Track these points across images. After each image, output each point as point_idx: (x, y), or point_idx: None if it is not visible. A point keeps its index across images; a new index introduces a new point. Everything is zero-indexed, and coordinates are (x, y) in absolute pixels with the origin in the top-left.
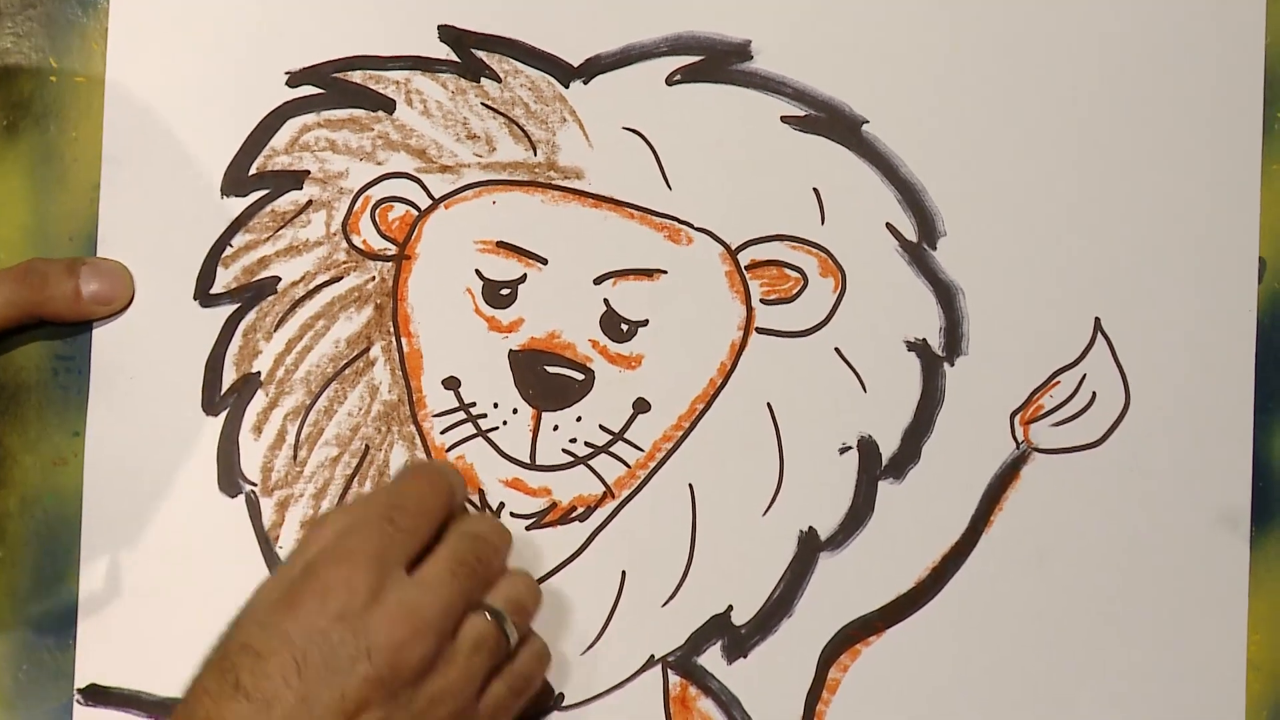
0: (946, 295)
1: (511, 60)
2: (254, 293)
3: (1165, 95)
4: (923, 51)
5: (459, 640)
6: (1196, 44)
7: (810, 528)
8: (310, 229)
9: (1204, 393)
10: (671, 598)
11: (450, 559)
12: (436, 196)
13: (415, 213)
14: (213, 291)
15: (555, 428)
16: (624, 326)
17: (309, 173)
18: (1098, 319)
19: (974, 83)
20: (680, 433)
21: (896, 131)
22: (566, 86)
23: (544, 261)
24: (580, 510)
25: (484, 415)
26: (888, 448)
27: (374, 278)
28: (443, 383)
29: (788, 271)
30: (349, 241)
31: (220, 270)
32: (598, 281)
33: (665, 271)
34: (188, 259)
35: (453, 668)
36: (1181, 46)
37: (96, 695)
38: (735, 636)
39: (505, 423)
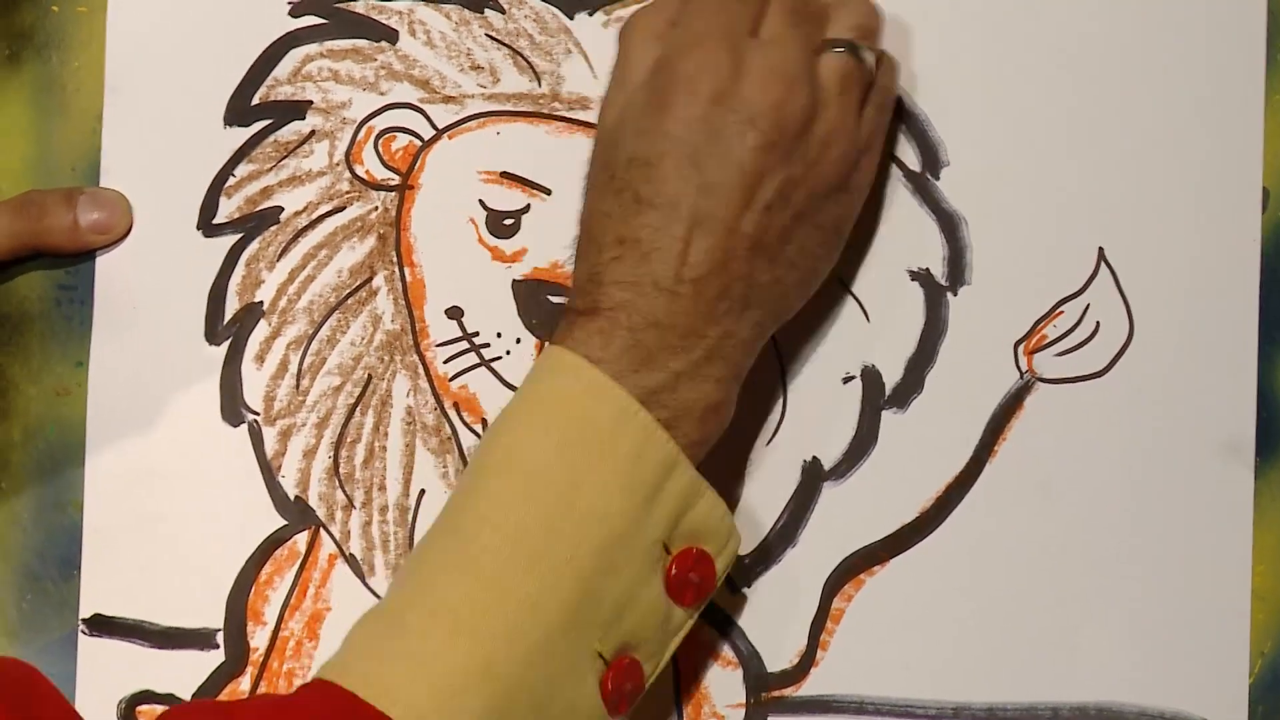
0: (950, 225)
1: None
2: (257, 222)
3: (1169, 26)
4: None
5: (824, 81)
6: None
7: (814, 458)
8: (313, 159)
9: (1208, 323)
10: None
11: (785, 11)
12: (440, 127)
13: (418, 143)
14: (215, 221)
15: None
16: None
17: (312, 103)
18: (1101, 249)
19: (977, 14)
20: None
21: (900, 62)
22: (571, 18)
23: (548, 192)
24: None
25: (487, 345)
26: (891, 377)
27: (377, 208)
28: (445, 312)
29: None
30: (352, 172)
31: (223, 200)
32: None
33: None
34: (190, 189)
35: (829, 109)
36: None
37: (101, 625)
38: (739, 566)
39: (508, 352)
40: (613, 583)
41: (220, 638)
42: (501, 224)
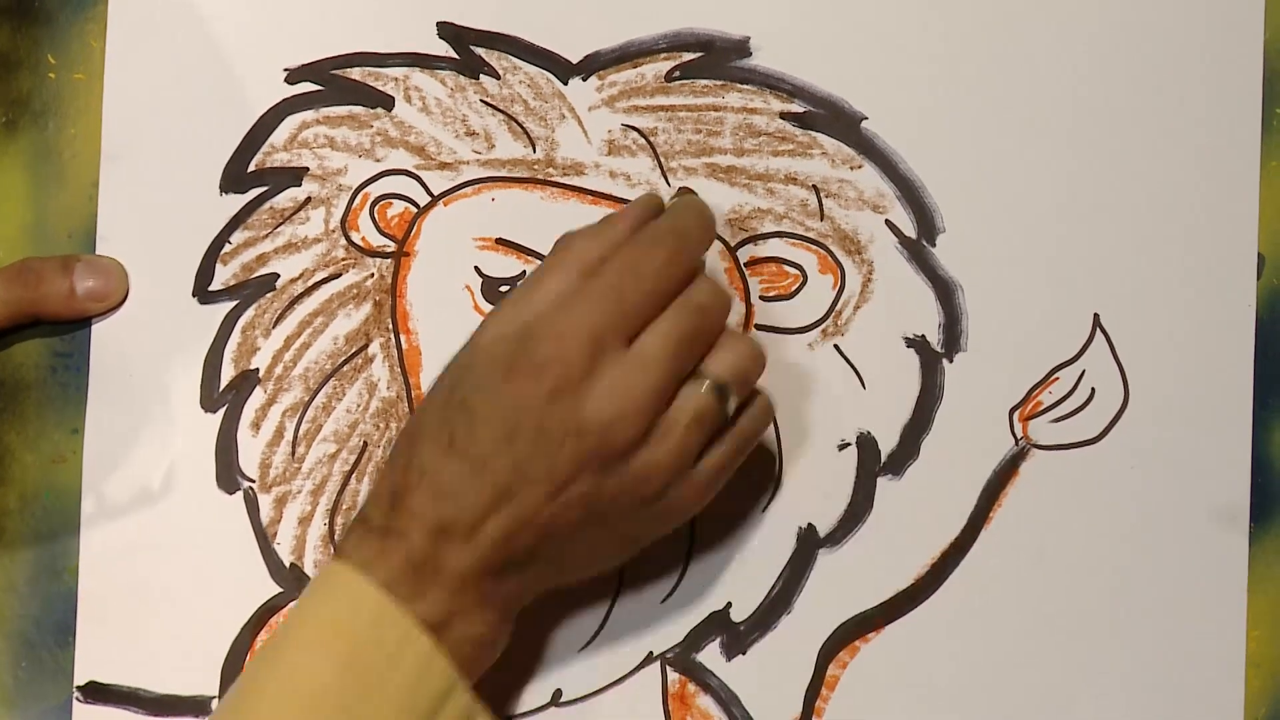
0: (945, 291)
1: (510, 57)
2: (252, 289)
3: (1164, 91)
4: (922, 48)
5: (675, 413)
6: (1195, 40)
7: (809, 524)
8: (309, 226)
9: (1203, 389)
10: (670, 594)
11: (670, 335)
12: (435, 193)
13: (414, 210)
14: (211, 288)
15: None
16: None
17: (308, 169)
18: (1096, 315)
19: (973, 79)
20: None
21: (895, 128)
22: (565, 83)
23: (542, 258)
24: None
25: None
26: (887, 444)
27: (373, 275)
28: None
29: (786, 268)
30: (348, 238)
31: (219, 267)
32: None
33: None
34: (186, 256)
35: (666, 442)
36: (1180, 42)
37: (96, 693)
38: (734, 633)
39: None
40: None
41: (215, 705)
42: (497, 290)
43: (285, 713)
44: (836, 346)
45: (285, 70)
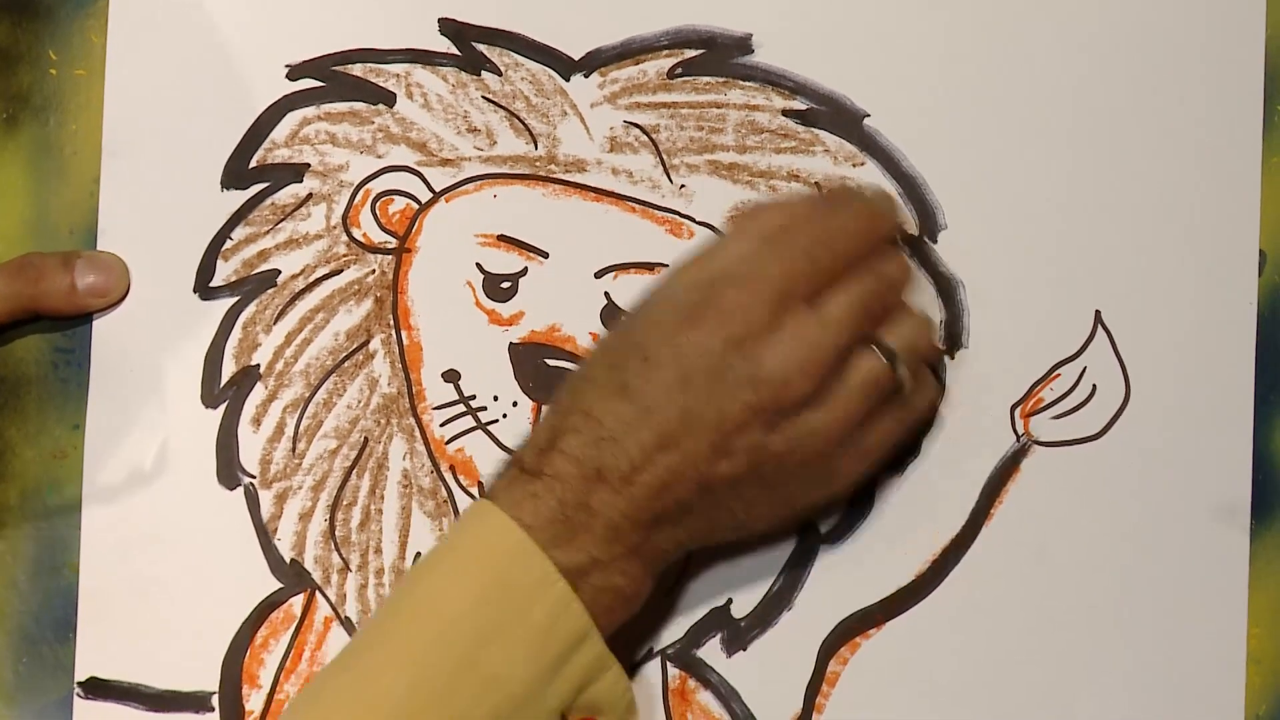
0: (947, 288)
1: (512, 53)
2: (254, 286)
3: (1165, 87)
4: (924, 45)
5: (848, 378)
6: (1196, 37)
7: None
8: (310, 222)
9: (1204, 386)
10: (671, 591)
11: (853, 299)
12: (437, 190)
13: (415, 206)
14: (212, 284)
15: None
16: None
17: (309, 166)
18: (1098, 312)
19: (974, 76)
20: None
21: (898, 125)
22: (567, 80)
23: (545, 255)
24: None
25: (484, 408)
26: None
27: (374, 271)
28: (443, 375)
29: None
30: (349, 234)
31: (220, 263)
32: (599, 275)
33: (666, 265)
34: (188, 252)
35: (836, 404)
36: (1181, 39)
37: (96, 688)
38: (735, 630)
39: (505, 415)
40: None
41: (216, 701)
42: (499, 287)
43: (419, 636)
44: None
45: (287, 66)
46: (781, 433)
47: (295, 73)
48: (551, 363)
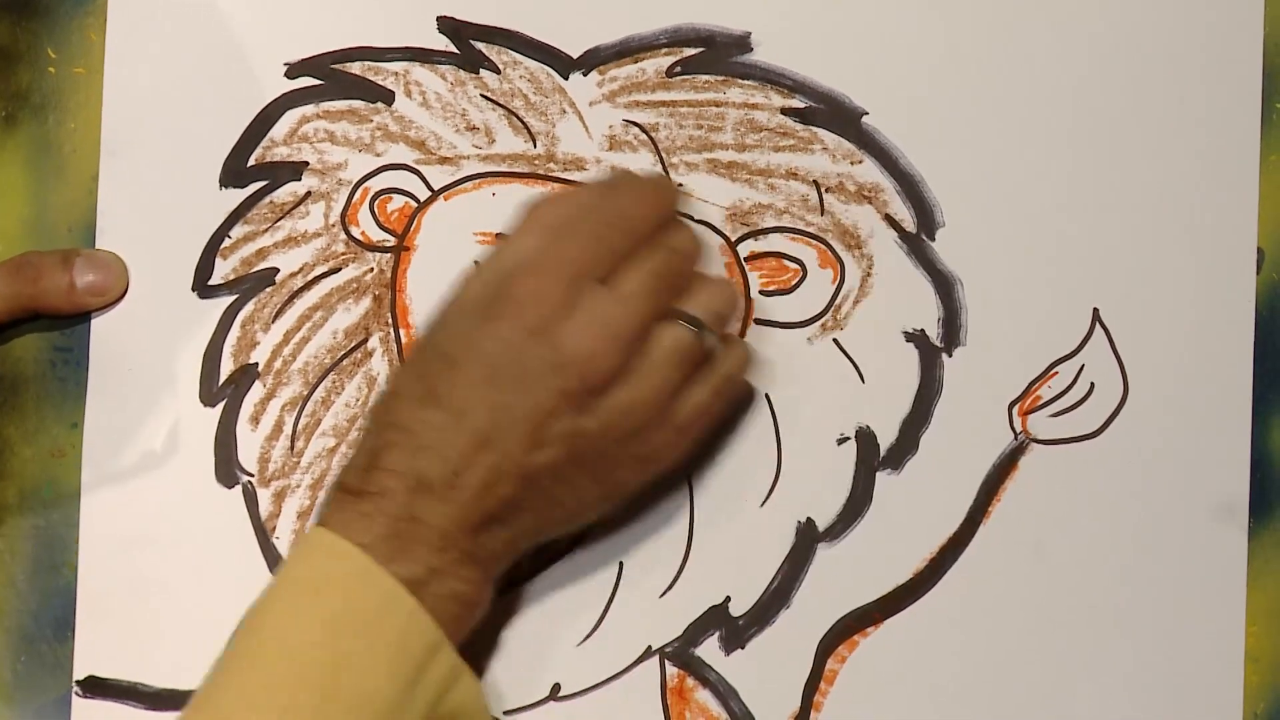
0: (945, 286)
1: (511, 52)
2: (252, 284)
3: (1164, 85)
4: (922, 43)
5: (652, 351)
6: (1195, 35)
7: (808, 519)
8: (309, 220)
9: (1202, 384)
10: (669, 589)
11: (646, 273)
12: (436, 188)
13: (414, 204)
14: (211, 283)
15: None
16: None
17: (308, 164)
18: (1096, 310)
19: (973, 75)
20: None
21: (896, 123)
22: (566, 78)
23: None
24: None
25: None
26: (886, 438)
27: (372, 269)
28: None
29: (787, 263)
30: (347, 233)
31: (218, 261)
32: None
33: None
34: (186, 250)
35: (644, 379)
36: (1180, 37)
37: (95, 687)
38: (733, 628)
39: None
40: None
41: None
42: None
43: (275, 674)
44: (836, 341)
45: (285, 65)
46: (594, 414)
47: (294, 71)
48: None
